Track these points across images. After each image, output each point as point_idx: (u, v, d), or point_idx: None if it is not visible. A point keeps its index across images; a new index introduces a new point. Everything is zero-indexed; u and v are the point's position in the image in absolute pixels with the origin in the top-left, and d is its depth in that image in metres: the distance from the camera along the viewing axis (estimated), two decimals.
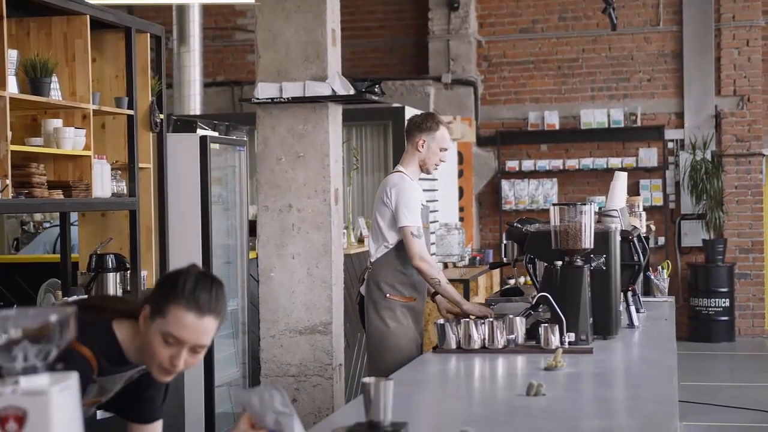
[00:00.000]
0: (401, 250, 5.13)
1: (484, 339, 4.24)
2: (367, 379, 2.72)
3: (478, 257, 10.85)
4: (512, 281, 12.18)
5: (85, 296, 5.02)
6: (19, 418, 1.72)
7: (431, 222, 6.16)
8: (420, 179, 7.25)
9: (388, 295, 5.14)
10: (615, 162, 12.41)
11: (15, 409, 1.72)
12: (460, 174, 12.25)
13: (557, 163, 12.65)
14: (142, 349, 2.60)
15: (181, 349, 2.53)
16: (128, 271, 5.51)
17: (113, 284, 5.36)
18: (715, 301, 12.06)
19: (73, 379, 1.81)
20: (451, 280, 8.96)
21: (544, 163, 12.69)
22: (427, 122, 5.24)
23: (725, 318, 12.10)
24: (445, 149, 5.27)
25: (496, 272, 11.07)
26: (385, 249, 5.16)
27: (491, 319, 4.32)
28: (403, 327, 5.12)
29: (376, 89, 6.10)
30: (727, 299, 12.09)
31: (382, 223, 5.15)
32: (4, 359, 1.76)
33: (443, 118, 5.65)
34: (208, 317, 2.54)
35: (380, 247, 5.18)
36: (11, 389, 1.74)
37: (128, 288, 5.54)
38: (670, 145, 12.57)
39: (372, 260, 5.24)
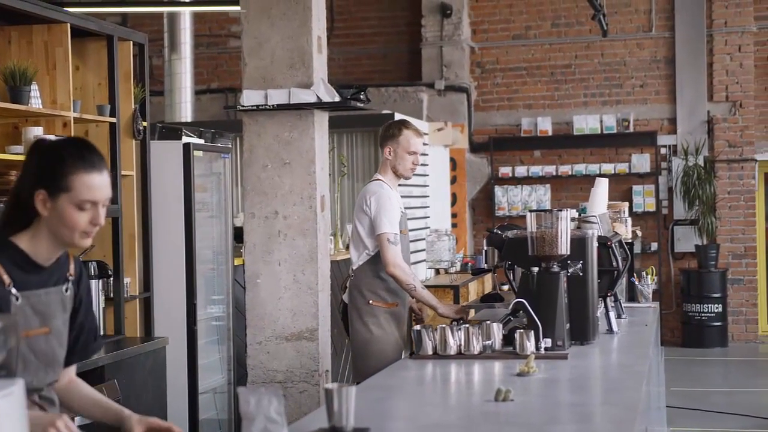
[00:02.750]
0: None
1: (460, 345, 4.26)
2: (329, 385, 2.74)
3: (470, 263, 10.86)
4: (506, 287, 12.18)
5: None
6: None
7: (411, 230, 6.19)
8: (408, 185, 7.28)
9: (371, 301, 5.23)
10: (608, 168, 12.42)
11: None
12: (453, 180, 12.28)
13: (550, 169, 12.66)
14: (52, 235, 2.66)
15: (96, 208, 2.66)
16: (111, 278, 5.53)
17: (96, 291, 5.38)
18: (707, 307, 12.07)
19: (18, 385, 1.83)
20: (442, 287, 9.04)
21: (537, 169, 12.71)
22: (389, 129, 5.37)
23: (718, 323, 12.11)
24: (414, 152, 5.33)
25: (488, 278, 11.08)
26: (367, 256, 5.25)
27: (467, 325, 4.33)
28: (387, 333, 5.18)
29: (361, 96, 6.11)
30: (720, 305, 12.09)
31: (362, 230, 5.25)
32: None
33: (412, 122, 5.69)
34: (105, 172, 2.69)
35: (361, 255, 5.27)
36: None
37: (111, 295, 5.56)
38: (663, 150, 12.58)
39: (354, 267, 5.32)
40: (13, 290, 2.63)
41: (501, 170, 12.81)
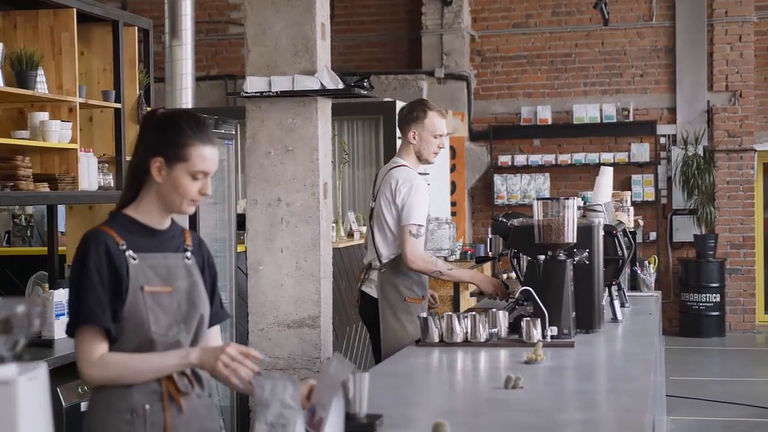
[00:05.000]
0: None
1: (467, 333, 4.26)
2: None
3: (469, 251, 10.87)
4: (505, 276, 12.20)
5: None
6: None
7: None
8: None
9: (407, 298, 5.03)
10: (607, 157, 12.43)
11: None
12: (453, 168, 12.28)
13: (550, 158, 12.67)
14: (161, 201, 2.82)
15: (207, 179, 2.82)
16: None
17: None
18: (705, 296, 12.10)
19: (42, 369, 1.83)
20: None
21: (536, 158, 12.72)
22: (413, 112, 5.12)
23: (716, 313, 12.14)
24: (440, 135, 5.11)
25: (488, 266, 11.10)
26: (399, 249, 5.00)
27: (474, 313, 4.33)
28: (418, 327, 5.02)
29: (365, 84, 6.11)
30: (718, 294, 12.12)
31: (391, 221, 5.02)
32: None
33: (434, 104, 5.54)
34: (216, 146, 2.86)
35: (392, 247, 5.03)
36: None
37: None
38: (662, 140, 12.60)
39: (383, 260, 5.07)
40: (129, 251, 2.77)
41: (500, 159, 12.81)
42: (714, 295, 12.10)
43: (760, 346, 11.98)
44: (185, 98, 10.82)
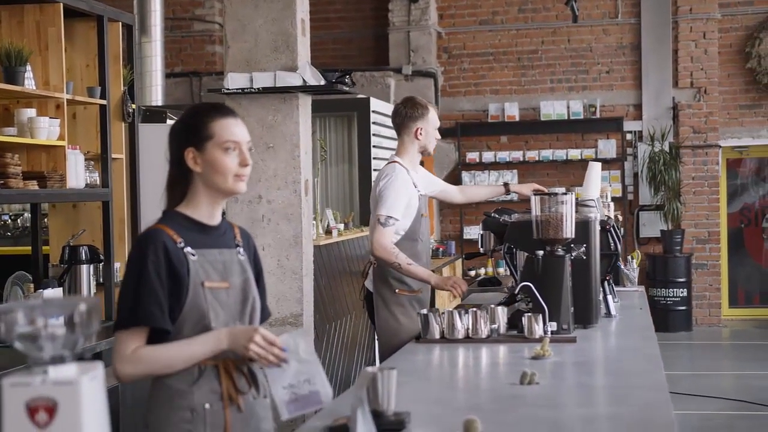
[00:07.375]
0: (405, 243, 5.06)
1: (468, 329, 4.25)
2: (371, 369, 2.72)
3: (440, 249, 10.89)
4: (473, 272, 12.23)
5: None
6: (50, 409, 1.70)
7: None
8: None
9: (397, 290, 5.10)
10: (574, 153, 12.50)
11: (45, 399, 1.70)
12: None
13: (517, 155, 12.71)
14: (208, 189, 2.81)
15: (241, 149, 2.81)
16: (102, 263, 5.44)
17: (86, 276, 5.29)
18: (672, 291, 12.21)
19: (99, 369, 1.79)
20: None
21: (504, 155, 12.75)
22: (417, 110, 5.24)
23: (683, 308, 12.25)
24: (437, 127, 5.34)
25: (458, 263, 11.12)
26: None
27: (475, 309, 4.32)
28: (413, 320, 5.00)
29: (346, 80, 6.10)
30: (685, 289, 12.23)
31: None
32: (32, 349, 1.74)
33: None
34: (237, 117, 2.88)
35: None
36: (40, 379, 1.71)
37: (101, 280, 5.47)
38: (629, 136, 12.68)
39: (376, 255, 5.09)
40: (187, 248, 2.77)
41: (468, 156, 12.82)
42: (681, 290, 12.21)
43: (726, 339, 12.11)
44: (155, 95, 10.74)
